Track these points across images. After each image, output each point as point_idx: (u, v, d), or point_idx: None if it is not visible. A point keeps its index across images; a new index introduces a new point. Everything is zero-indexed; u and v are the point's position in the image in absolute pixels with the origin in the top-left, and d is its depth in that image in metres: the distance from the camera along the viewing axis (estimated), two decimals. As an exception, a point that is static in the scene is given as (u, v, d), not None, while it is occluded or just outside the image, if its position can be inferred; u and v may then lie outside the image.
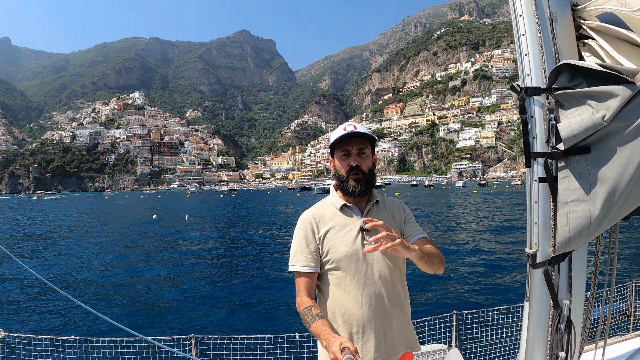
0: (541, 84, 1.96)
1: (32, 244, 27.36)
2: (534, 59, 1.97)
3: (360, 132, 2.40)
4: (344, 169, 2.45)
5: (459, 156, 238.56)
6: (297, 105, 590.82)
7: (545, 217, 1.99)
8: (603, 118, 1.75)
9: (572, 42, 2.02)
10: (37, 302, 13.76)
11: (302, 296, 2.36)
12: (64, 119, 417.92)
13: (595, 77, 1.80)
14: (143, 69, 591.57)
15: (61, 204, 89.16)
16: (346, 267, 2.37)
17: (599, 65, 1.78)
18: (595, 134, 1.81)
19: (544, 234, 1.99)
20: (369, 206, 2.50)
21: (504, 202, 56.00)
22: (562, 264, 2.01)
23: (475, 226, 30.02)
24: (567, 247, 1.94)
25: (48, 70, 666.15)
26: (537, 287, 2.05)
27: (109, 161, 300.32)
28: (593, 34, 1.96)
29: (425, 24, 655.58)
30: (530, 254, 2.03)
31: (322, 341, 2.08)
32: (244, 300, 13.30)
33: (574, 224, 1.88)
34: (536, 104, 1.97)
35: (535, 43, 1.97)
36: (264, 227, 35.06)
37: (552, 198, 1.95)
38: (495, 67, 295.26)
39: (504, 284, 13.77)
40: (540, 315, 2.06)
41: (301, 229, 2.48)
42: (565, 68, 1.87)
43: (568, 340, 2.03)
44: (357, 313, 2.34)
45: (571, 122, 1.82)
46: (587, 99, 1.80)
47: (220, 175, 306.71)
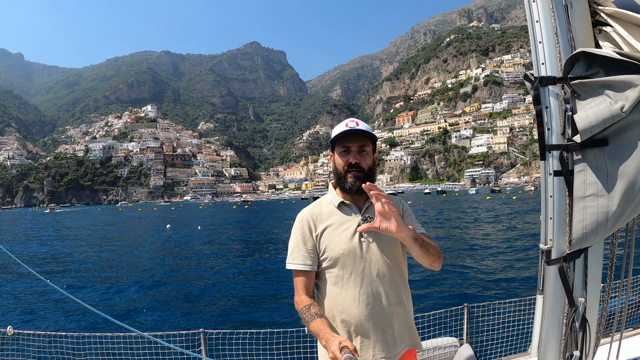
0: (556, 73, 1.90)
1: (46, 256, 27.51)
2: (549, 47, 1.91)
3: (361, 130, 2.38)
4: (343, 165, 2.43)
5: (471, 163, 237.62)
6: (308, 115, 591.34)
7: (560, 212, 1.93)
8: (622, 109, 1.68)
9: (588, 28, 1.95)
10: (44, 302, 13.89)
11: (301, 295, 2.35)
12: (77, 133, 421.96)
13: (613, 66, 1.74)
14: (155, 82, 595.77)
15: (71, 217, 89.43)
16: (343, 265, 2.35)
17: (617, 54, 1.71)
18: (613, 125, 1.74)
19: (559, 229, 1.94)
20: (368, 203, 2.46)
21: (517, 207, 55.72)
22: (577, 261, 1.95)
23: (487, 227, 29.90)
24: (584, 244, 1.88)
25: (61, 85, 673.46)
26: (552, 284, 2.00)
27: (122, 174, 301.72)
28: (609, 20, 1.89)
29: (434, 31, 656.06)
30: (544, 250, 1.99)
31: (321, 340, 2.07)
32: (252, 296, 13.37)
33: (591, 219, 1.82)
34: (551, 94, 1.91)
35: (549, 30, 1.91)
36: (274, 232, 35.14)
37: (567, 192, 1.90)
38: (505, 72, 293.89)
39: (515, 276, 13.75)
40: (554, 313, 2.02)
41: (298, 227, 2.46)
42: (582, 56, 1.81)
43: (583, 338, 1.97)
44: (354, 311, 2.32)
45: (588, 113, 1.76)
46: (605, 89, 1.74)
47: (233, 186, 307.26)
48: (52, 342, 5.03)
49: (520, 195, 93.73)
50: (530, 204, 61.40)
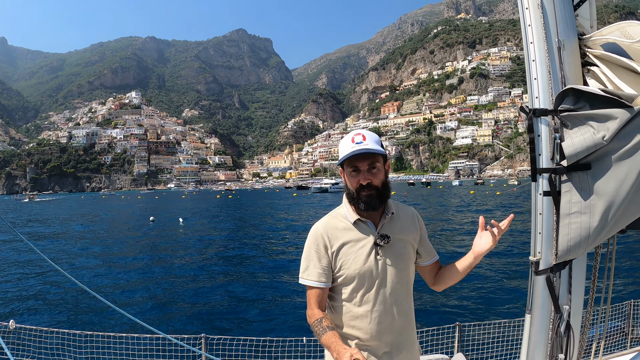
0: (548, 106, 2.10)
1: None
2: (542, 83, 2.12)
3: (369, 150, 2.27)
4: (354, 186, 2.35)
5: (456, 154, 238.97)
6: (294, 104, 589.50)
7: (548, 228, 2.12)
8: (603, 138, 1.91)
9: (578, 68, 2.19)
10: (48, 294, 13.93)
11: (313, 308, 2.35)
12: (61, 119, 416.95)
13: (597, 101, 1.97)
14: (140, 69, 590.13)
15: (51, 207, 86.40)
16: (359, 283, 2.35)
17: (601, 90, 1.94)
18: (596, 152, 1.97)
19: (546, 243, 2.12)
20: (384, 220, 2.41)
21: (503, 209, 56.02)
22: (562, 272, 2.13)
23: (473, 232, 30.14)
24: (568, 256, 2.07)
25: (44, 70, 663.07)
26: (540, 292, 2.16)
27: (105, 161, 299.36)
28: (597, 62, 2.14)
29: (422, 22, 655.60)
30: (533, 261, 2.16)
31: (332, 353, 2.08)
32: (252, 301, 13.45)
33: (575, 234, 2.02)
34: (543, 124, 2.12)
35: (544, 68, 2.12)
36: (264, 230, 35.21)
37: (554, 210, 2.09)
38: (492, 65, 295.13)
39: (507, 295, 13.83)
40: (542, 319, 2.16)
41: (313, 243, 2.42)
42: (570, 92, 2.04)
43: (567, 342, 2.12)
44: (366, 328, 2.34)
45: (574, 141, 1.98)
46: (589, 120, 1.96)
47: (217, 174, 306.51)
48: (53, 338, 5.15)
49: (504, 189, 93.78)
50: (514, 201, 61.59)
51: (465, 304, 12.25)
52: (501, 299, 12.92)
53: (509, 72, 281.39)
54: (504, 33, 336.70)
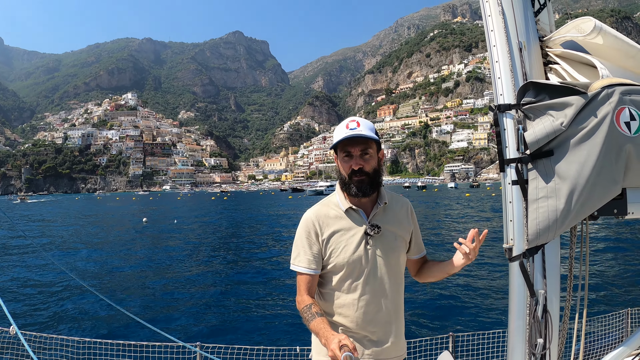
0: (512, 101, 2.21)
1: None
2: (506, 81, 2.24)
3: (362, 134, 2.30)
4: (346, 171, 2.36)
5: (451, 158, 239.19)
6: (290, 106, 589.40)
7: (518, 215, 2.19)
8: (562, 124, 2.01)
9: (540, 67, 2.33)
10: (50, 305, 13.88)
11: (303, 295, 2.35)
12: (56, 120, 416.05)
13: (556, 93, 2.09)
14: (136, 70, 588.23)
15: (42, 209, 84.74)
16: (348, 271, 2.36)
17: (558, 82, 2.08)
18: (557, 138, 2.07)
19: (518, 229, 2.18)
20: (376, 209, 2.43)
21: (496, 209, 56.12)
22: (536, 257, 2.16)
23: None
24: (539, 240, 2.13)
25: (40, 70, 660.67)
26: (515, 278, 2.20)
27: (101, 162, 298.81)
28: (558, 60, 2.30)
29: (418, 25, 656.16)
30: (507, 248, 2.22)
31: (320, 339, 2.09)
32: (246, 307, 13.44)
33: (543, 217, 2.10)
34: (508, 117, 2.23)
35: (506, 68, 2.24)
36: (258, 232, 35.24)
37: (523, 198, 2.18)
38: (488, 68, 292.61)
39: (502, 305, 13.79)
40: (519, 305, 2.19)
41: (304, 230, 2.42)
42: (531, 86, 2.17)
43: (546, 327, 2.14)
44: (352, 316, 2.35)
45: (535, 129, 2.08)
46: (549, 110, 2.07)
47: (213, 176, 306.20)
48: (51, 344, 5.19)
49: (500, 191, 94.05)
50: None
51: (459, 314, 12.24)
52: (495, 309, 12.95)
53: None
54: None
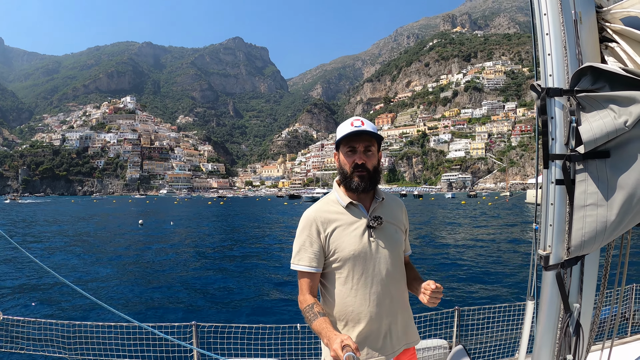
0: (563, 85, 1.93)
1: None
2: (557, 60, 1.95)
3: (368, 130, 2.36)
4: (349, 165, 2.41)
5: (449, 167, 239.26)
6: (288, 113, 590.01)
7: (560, 220, 1.97)
8: (625, 123, 1.74)
9: (596, 44, 2.00)
10: (36, 289, 13.82)
11: (305, 294, 2.36)
12: (55, 122, 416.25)
13: (618, 82, 1.80)
14: (135, 74, 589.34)
15: (35, 209, 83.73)
16: (354, 266, 2.36)
17: (623, 70, 1.78)
18: (616, 139, 1.80)
19: (558, 236, 1.98)
20: (375, 204, 2.47)
21: (493, 213, 56.31)
22: (574, 268, 2.00)
23: (469, 230, 30.18)
24: (581, 251, 1.93)
25: (40, 71, 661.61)
26: (548, 289, 2.04)
27: (98, 165, 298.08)
28: (616, 37, 1.95)
29: (417, 34, 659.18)
30: (543, 255, 2.02)
31: (323, 339, 2.09)
32: (245, 293, 13.43)
33: (590, 228, 1.87)
34: (557, 105, 1.95)
35: (559, 43, 1.94)
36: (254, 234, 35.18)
37: (568, 201, 1.94)
38: (486, 78, 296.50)
39: (505, 282, 13.88)
40: (549, 317, 2.05)
41: (305, 228, 2.43)
42: (589, 71, 1.86)
43: (576, 343, 2.01)
44: (365, 311, 2.35)
45: (592, 125, 1.81)
46: (610, 103, 1.79)
47: (210, 182, 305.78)
48: (42, 329, 5.06)
49: (496, 201, 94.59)
50: (505, 210, 61.96)
51: (464, 289, 12.28)
52: (500, 284, 12.96)
53: (503, 86, 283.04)
54: (498, 47, 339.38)
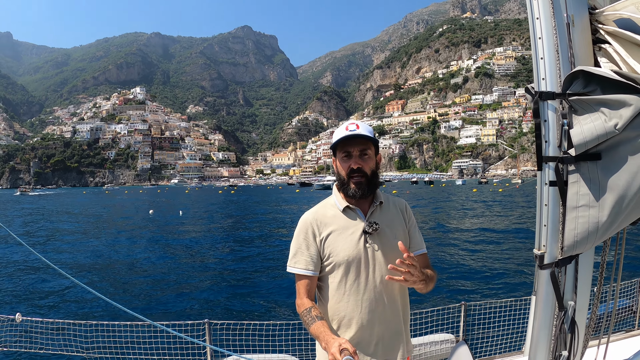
0: (556, 89, 1.97)
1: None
2: (550, 63, 1.98)
3: (362, 134, 2.32)
4: (345, 171, 2.38)
5: (459, 153, 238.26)
6: (298, 101, 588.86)
7: (554, 220, 2.02)
8: (615, 126, 1.78)
9: (588, 46, 2.03)
10: (51, 290, 13.95)
11: (302, 298, 2.34)
12: (65, 114, 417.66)
13: (609, 85, 1.83)
14: (144, 64, 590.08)
15: (45, 201, 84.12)
16: (347, 271, 2.34)
17: (615, 73, 1.80)
18: (607, 141, 1.83)
19: (552, 236, 2.02)
20: (373, 208, 2.43)
21: (505, 203, 56.00)
22: (568, 266, 2.03)
23: (479, 221, 30.14)
24: (574, 250, 1.97)
25: (49, 65, 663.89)
26: (544, 287, 2.09)
27: (109, 156, 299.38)
28: (609, 39, 1.98)
29: (427, 20, 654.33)
30: (538, 255, 2.06)
31: (321, 342, 2.07)
32: (255, 289, 13.49)
33: (582, 228, 1.92)
34: (550, 108, 1.98)
35: (551, 47, 1.97)
36: (264, 223, 35.25)
37: (561, 202, 1.98)
38: (497, 64, 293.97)
39: (512, 276, 13.90)
40: (545, 315, 2.10)
41: (301, 231, 2.43)
42: (580, 74, 1.89)
43: (571, 340, 2.05)
44: (356, 317, 2.32)
45: (583, 128, 1.85)
46: (601, 106, 1.83)
47: (221, 170, 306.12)
48: (59, 329, 5.16)
49: (507, 187, 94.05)
50: (517, 197, 61.65)
51: (471, 284, 12.32)
52: (506, 280, 12.98)
53: (514, 72, 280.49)
54: (509, 33, 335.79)
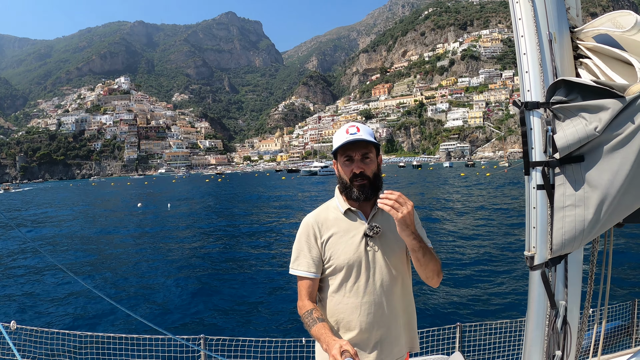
0: (540, 99, 2.07)
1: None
2: (534, 76, 2.09)
3: (363, 139, 2.31)
4: (347, 175, 2.37)
5: (447, 136, 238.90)
6: (284, 86, 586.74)
7: (542, 222, 2.08)
8: (595, 129, 1.87)
9: (570, 60, 2.16)
10: (47, 293, 13.86)
11: (304, 300, 2.36)
12: (50, 106, 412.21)
13: (589, 92, 1.92)
14: (128, 54, 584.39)
15: (28, 198, 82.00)
16: (348, 274, 2.34)
17: (593, 81, 1.91)
18: (589, 143, 1.92)
19: (541, 237, 2.08)
20: (375, 210, 2.41)
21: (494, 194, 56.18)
22: (558, 266, 2.08)
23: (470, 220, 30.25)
24: (563, 250, 2.03)
25: (32, 57, 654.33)
26: (535, 288, 2.13)
27: (95, 148, 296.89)
28: (589, 54, 2.11)
29: (412, 3, 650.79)
30: (528, 256, 2.12)
31: (322, 344, 2.08)
32: (251, 299, 13.43)
33: (569, 227, 1.98)
34: (535, 116, 2.08)
35: (535, 61, 2.08)
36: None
37: (549, 204, 2.05)
38: (483, 47, 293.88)
39: (509, 295, 13.80)
40: (538, 315, 2.13)
41: (303, 233, 2.44)
42: (562, 84, 2.00)
43: (564, 339, 2.08)
44: (355, 320, 2.32)
45: (566, 133, 1.94)
46: (581, 112, 1.92)
47: (208, 158, 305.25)
48: (54, 339, 5.16)
49: (494, 171, 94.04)
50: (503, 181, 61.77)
51: (466, 305, 12.30)
52: (502, 300, 13.01)
53: (500, 54, 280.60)
54: (495, 15, 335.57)
